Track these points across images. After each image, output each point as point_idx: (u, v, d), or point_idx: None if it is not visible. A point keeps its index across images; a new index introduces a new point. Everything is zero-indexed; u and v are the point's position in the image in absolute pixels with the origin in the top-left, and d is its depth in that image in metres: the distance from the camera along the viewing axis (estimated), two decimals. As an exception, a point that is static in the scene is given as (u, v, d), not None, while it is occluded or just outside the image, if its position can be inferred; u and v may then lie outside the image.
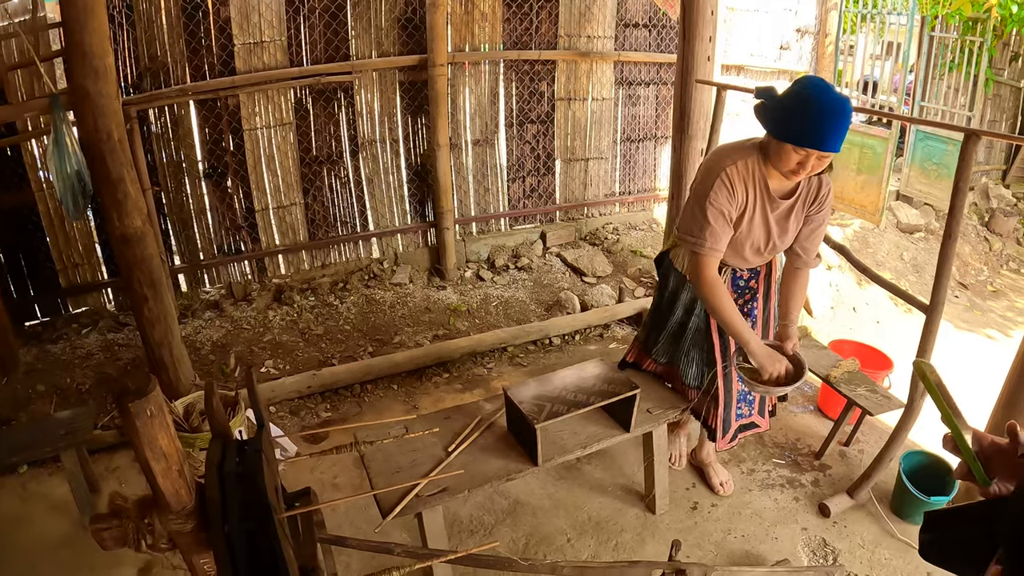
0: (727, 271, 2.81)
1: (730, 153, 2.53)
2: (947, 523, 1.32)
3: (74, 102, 3.09)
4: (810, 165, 2.32)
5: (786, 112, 2.30)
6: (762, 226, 2.60)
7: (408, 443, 2.69)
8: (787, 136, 2.29)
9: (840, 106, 2.22)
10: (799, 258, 2.75)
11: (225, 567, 1.21)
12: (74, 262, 4.43)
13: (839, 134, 2.26)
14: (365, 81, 4.85)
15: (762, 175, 2.50)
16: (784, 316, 2.82)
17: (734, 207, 2.50)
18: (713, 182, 2.47)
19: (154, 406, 1.12)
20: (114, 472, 3.45)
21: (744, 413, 3.06)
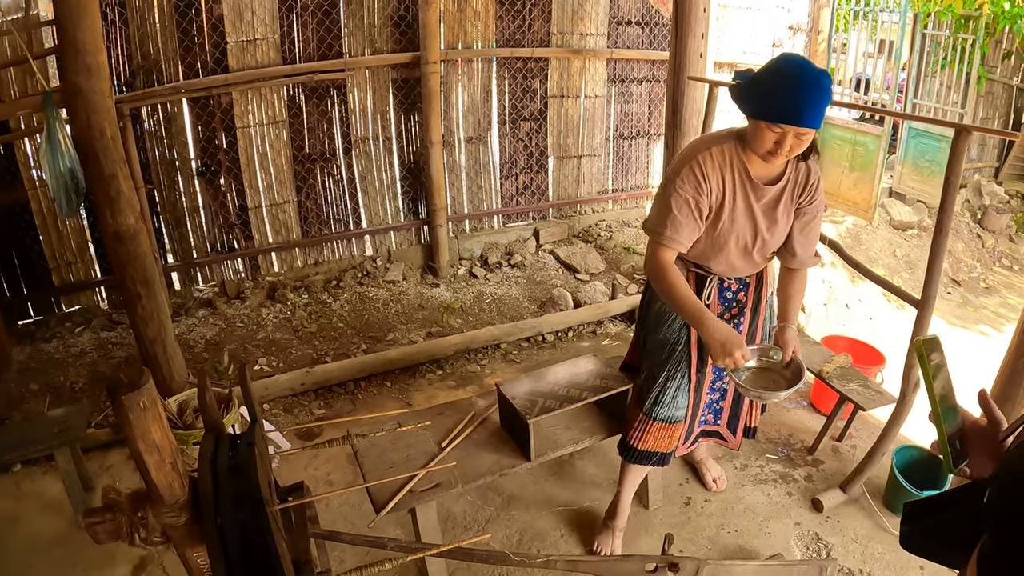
0: (713, 281, 2.59)
1: (705, 141, 2.38)
2: (927, 512, 1.33)
3: (67, 99, 3.08)
4: (788, 144, 2.14)
5: (760, 89, 2.15)
6: (747, 217, 2.39)
7: (401, 439, 2.69)
8: (761, 113, 2.14)
9: (816, 79, 2.07)
10: (795, 257, 2.55)
11: (218, 560, 1.22)
12: (67, 260, 4.42)
13: (816, 109, 2.09)
14: (358, 79, 4.85)
15: (741, 161, 2.32)
16: (783, 317, 2.58)
17: (704, 196, 2.30)
18: (681, 169, 2.30)
19: (147, 399, 1.13)
20: (108, 470, 3.45)
21: (708, 420, 2.87)
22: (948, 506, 1.28)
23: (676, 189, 2.29)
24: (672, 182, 2.31)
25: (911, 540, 1.36)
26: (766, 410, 3.22)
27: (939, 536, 1.28)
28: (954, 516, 1.24)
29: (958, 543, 1.19)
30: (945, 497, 1.30)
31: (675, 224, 2.31)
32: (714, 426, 2.88)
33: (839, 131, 6.39)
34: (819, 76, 2.07)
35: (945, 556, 1.30)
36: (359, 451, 2.66)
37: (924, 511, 1.34)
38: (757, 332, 2.73)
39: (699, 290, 2.57)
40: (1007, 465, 1.09)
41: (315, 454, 3.54)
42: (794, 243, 2.51)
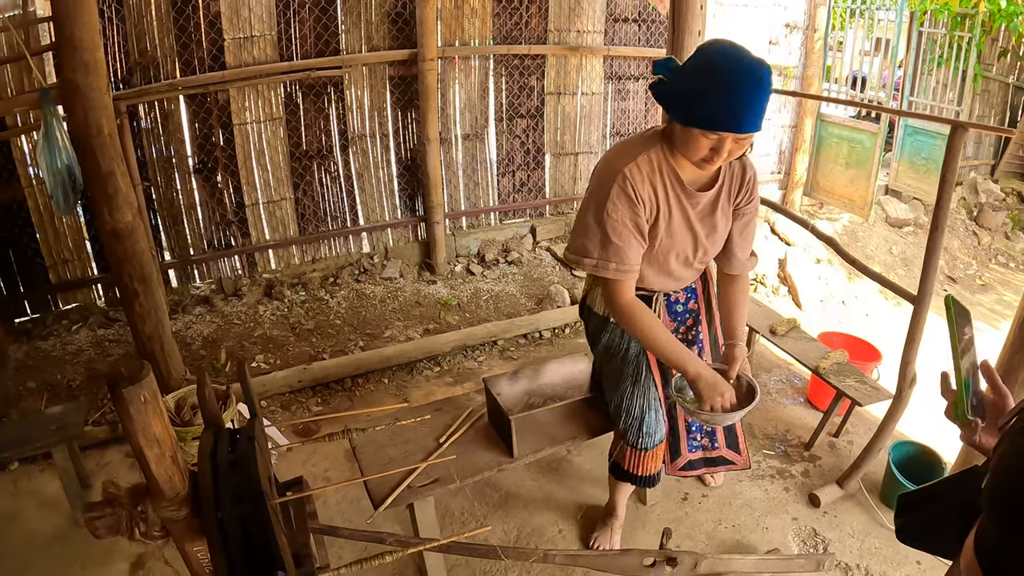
0: (659, 299, 2.39)
1: (627, 150, 2.10)
2: (920, 502, 1.34)
3: (64, 96, 3.07)
4: (725, 151, 1.90)
5: (689, 90, 1.86)
6: (685, 229, 2.18)
7: (399, 435, 2.69)
8: (694, 120, 1.87)
9: (756, 76, 1.80)
10: (734, 261, 2.36)
11: (219, 554, 1.22)
12: (64, 258, 4.41)
13: (757, 110, 1.84)
14: (355, 76, 4.84)
15: (671, 168, 2.08)
16: (729, 334, 2.39)
17: (642, 215, 2.07)
18: (610, 189, 2.03)
19: (148, 392, 1.13)
20: (105, 468, 3.44)
21: (703, 445, 2.64)
22: (940, 495, 1.29)
23: (610, 214, 2.05)
24: (602, 208, 2.06)
25: (906, 532, 1.37)
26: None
27: (933, 525, 1.29)
28: (947, 504, 1.25)
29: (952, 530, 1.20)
30: (936, 487, 1.31)
31: (619, 253, 2.08)
32: (713, 451, 2.66)
33: (835, 128, 6.45)
34: (759, 72, 1.81)
35: (940, 545, 1.31)
36: (357, 447, 2.66)
37: (917, 502, 1.35)
38: (718, 336, 2.56)
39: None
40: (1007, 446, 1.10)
41: (312, 451, 3.54)
42: (733, 247, 2.34)
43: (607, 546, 2.89)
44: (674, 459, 2.58)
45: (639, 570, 2.22)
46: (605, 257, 2.08)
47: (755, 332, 4.09)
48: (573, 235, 2.19)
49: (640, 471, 2.53)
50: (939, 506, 1.27)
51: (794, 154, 6.87)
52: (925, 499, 1.33)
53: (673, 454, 2.57)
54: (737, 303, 2.40)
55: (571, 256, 2.17)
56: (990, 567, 1.05)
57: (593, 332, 2.53)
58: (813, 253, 6.10)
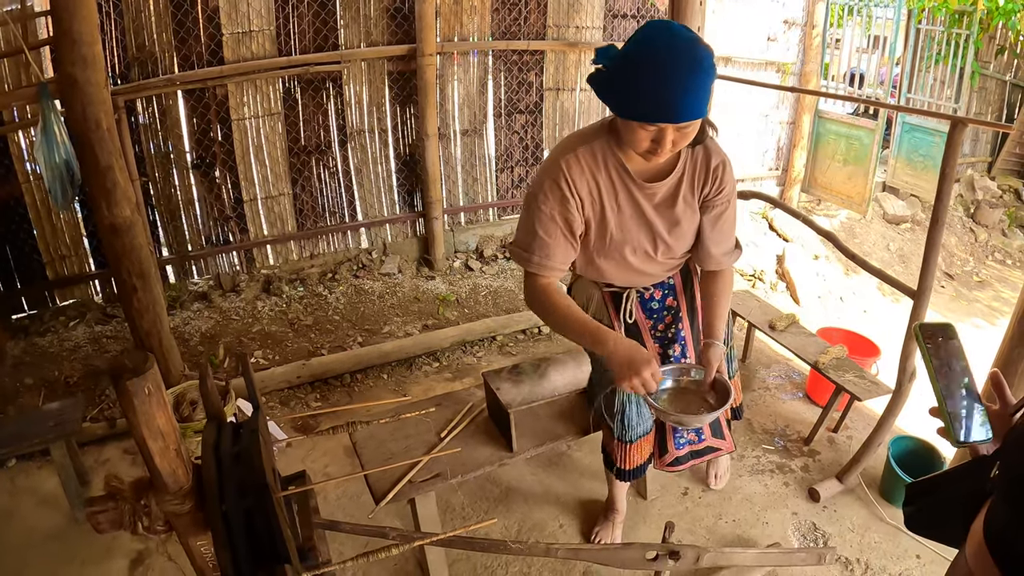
0: (631, 295, 2.29)
1: (570, 143, 1.98)
2: (928, 490, 1.35)
3: (62, 90, 3.06)
4: (668, 142, 1.74)
5: (622, 81, 1.70)
6: (638, 222, 2.05)
7: (400, 429, 2.69)
8: (628, 112, 1.73)
9: (690, 59, 1.62)
10: (710, 257, 2.19)
11: (223, 547, 1.21)
12: (61, 254, 4.39)
13: (697, 96, 1.66)
14: (354, 71, 4.83)
15: (617, 160, 1.95)
16: (706, 332, 2.22)
17: (574, 210, 1.95)
18: (544, 181, 1.94)
19: (152, 384, 1.12)
20: (104, 464, 3.43)
21: (690, 440, 2.54)
22: (948, 483, 1.29)
23: (539, 206, 1.95)
24: (535, 197, 1.96)
25: (915, 520, 1.37)
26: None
27: (942, 513, 1.29)
28: (955, 492, 1.25)
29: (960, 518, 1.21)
30: (944, 475, 1.31)
31: (544, 248, 1.97)
32: (700, 443, 2.55)
33: (833, 125, 6.45)
34: (693, 53, 1.63)
35: (949, 533, 1.31)
36: (358, 442, 2.66)
37: (925, 490, 1.35)
38: (700, 334, 2.40)
39: (618, 308, 2.31)
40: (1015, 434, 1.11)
41: (312, 447, 3.53)
42: (706, 241, 2.17)
43: (608, 540, 2.88)
44: (662, 455, 2.51)
45: (641, 563, 2.21)
46: (528, 249, 1.99)
47: (754, 327, 4.09)
48: (516, 230, 2.09)
49: (626, 464, 2.48)
50: (947, 494, 1.28)
51: (792, 150, 6.87)
52: (933, 488, 1.33)
53: (661, 450, 2.50)
54: (715, 299, 2.23)
55: (510, 247, 2.09)
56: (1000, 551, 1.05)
57: None
58: (811, 249, 6.10)
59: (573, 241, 2.01)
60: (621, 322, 2.30)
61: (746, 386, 4.14)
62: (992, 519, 1.10)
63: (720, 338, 2.16)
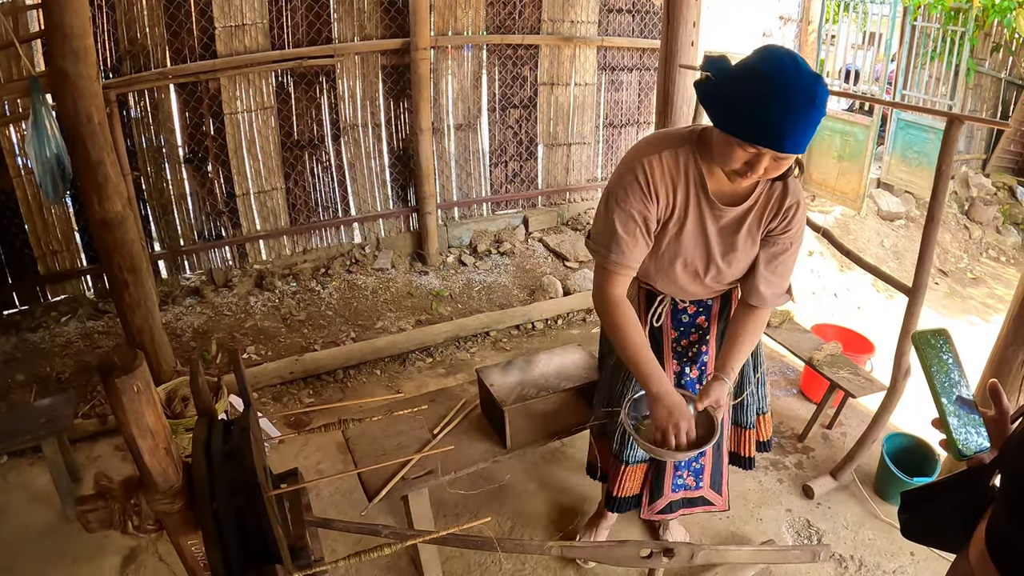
0: (665, 301, 2.23)
1: (655, 142, 1.93)
2: (926, 499, 1.34)
3: (53, 84, 3.04)
4: (761, 168, 1.69)
5: (735, 95, 1.65)
6: (698, 239, 1.99)
7: (393, 426, 2.68)
8: (732, 127, 1.67)
9: (811, 94, 1.59)
10: (756, 292, 2.08)
11: (214, 546, 1.20)
12: (53, 249, 4.36)
13: (805, 131, 1.62)
14: (347, 65, 4.81)
15: (698, 172, 1.89)
16: (719, 366, 2.09)
17: (652, 209, 1.91)
18: (624, 178, 1.91)
19: (141, 382, 1.10)
20: (95, 461, 3.41)
21: (687, 484, 2.41)
22: (947, 491, 1.28)
23: (618, 203, 1.91)
24: (614, 194, 1.93)
25: (912, 528, 1.37)
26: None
27: (940, 521, 1.28)
28: (954, 500, 1.25)
29: (959, 526, 1.20)
30: (943, 483, 1.31)
31: (620, 245, 1.93)
32: (696, 491, 2.44)
33: (828, 121, 6.43)
34: (814, 89, 1.60)
35: (945, 540, 1.31)
36: (350, 438, 2.64)
37: (922, 498, 1.34)
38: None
39: (648, 308, 2.25)
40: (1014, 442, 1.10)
41: (305, 443, 3.52)
42: (757, 279, 2.06)
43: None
44: (655, 499, 2.39)
45: (636, 561, 2.21)
46: (605, 245, 1.95)
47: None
48: (594, 223, 2.07)
49: (617, 489, 2.37)
50: (946, 502, 1.27)
51: (787, 147, 6.85)
52: (930, 495, 1.32)
53: (655, 494, 2.38)
54: (743, 336, 2.10)
55: (587, 242, 2.06)
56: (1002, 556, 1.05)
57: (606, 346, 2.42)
58: (805, 245, 6.09)
59: (649, 239, 1.98)
60: (647, 323, 2.25)
61: (740, 382, 4.14)
62: (994, 525, 1.09)
63: (731, 377, 2.05)
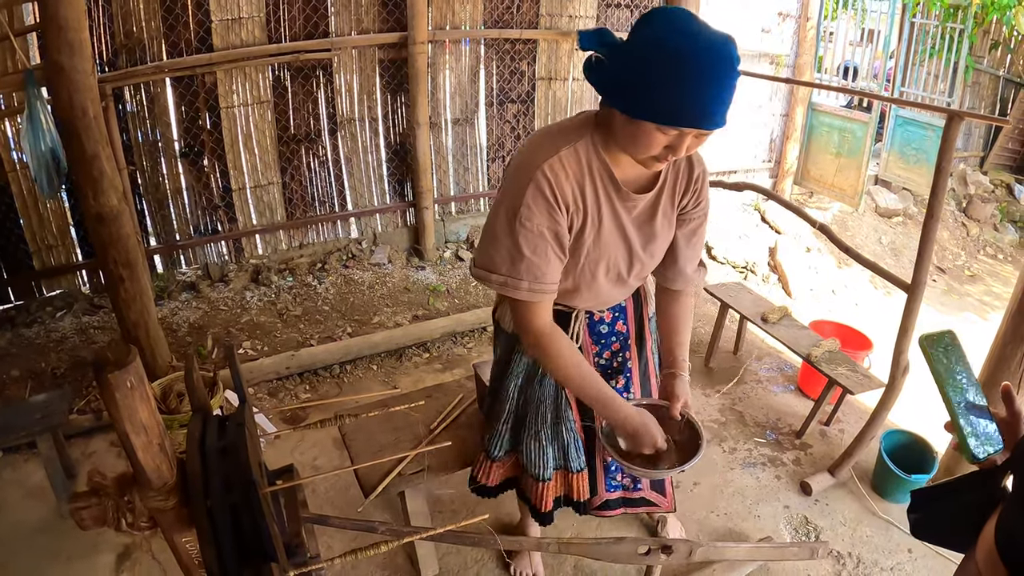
0: (580, 316, 1.99)
1: (549, 141, 1.66)
2: (935, 499, 1.33)
3: (49, 77, 3.01)
4: (684, 149, 1.50)
5: (641, 77, 1.41)
6: (618, 237, 1.77)
7: (389, 422, 2.67)
8: (647, 112, 1.44)
9: (726, 58, 1.38)
10: (680, 275, 1.96)
11: (208, 544, 1.18)
12: (48, 244, 4.34)
13: (730, 98, 1.43)
14: (344, 59, 4.78)
15: (602, 164, 1.66)
16: (670, 362, 1.97)
17: (563, 221, 1.65)
18: (524, 190, 1.61)
19: (134, 377, 1.09)
20: (90, 457, 3.39)
21: (624, 484, 2.32)
22: (958, 492, 1.27)
23: (523, 222, 1.62)
24: (514, 211, 1.63)
25: (921, 528, 1.36)
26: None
27: (950, 521, 1.28)
28: (965, 501, 1.24)
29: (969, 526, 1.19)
30: (953, 483, 1.30)
31: (533, 270, 1.66)
32: (635, 492, 2.34)
33: (827, 118, 6.44)
34: (729, 50, 1.39)
35: (954, 540, 1.30)
36: (347, 434, 2.63)
37: (932, 498, 1.33)
38: (650, 366, 2.19)
39: (563, 328, 1.92)
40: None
41: (301, 439, 3.50)
42: (679, 258, 1.93)
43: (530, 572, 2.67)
44: (591, 496, 2.26)
45: (634, 558, 2.20)
46: (516, 274, 1.66)
47: (746, 319, 4.08)
48: (480, 244, 1.75)
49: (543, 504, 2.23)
50: (956, 502, 1.26)
51: (785, 143, 6.86)
52: (940, 495, 1.32)
53: (590, 491, 2.25)
54: (681, 323, 1.99)
55: (476, 271, 1.73)
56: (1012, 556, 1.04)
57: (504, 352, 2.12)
58: (803, 242, 6.09)
59: (563, 255, 1.71)
60: None
61: (738, 378, 4.14)
62: (1004, 526, 1.08)
63: (686, 369, 1.95)
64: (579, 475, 2.18)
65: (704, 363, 4.28)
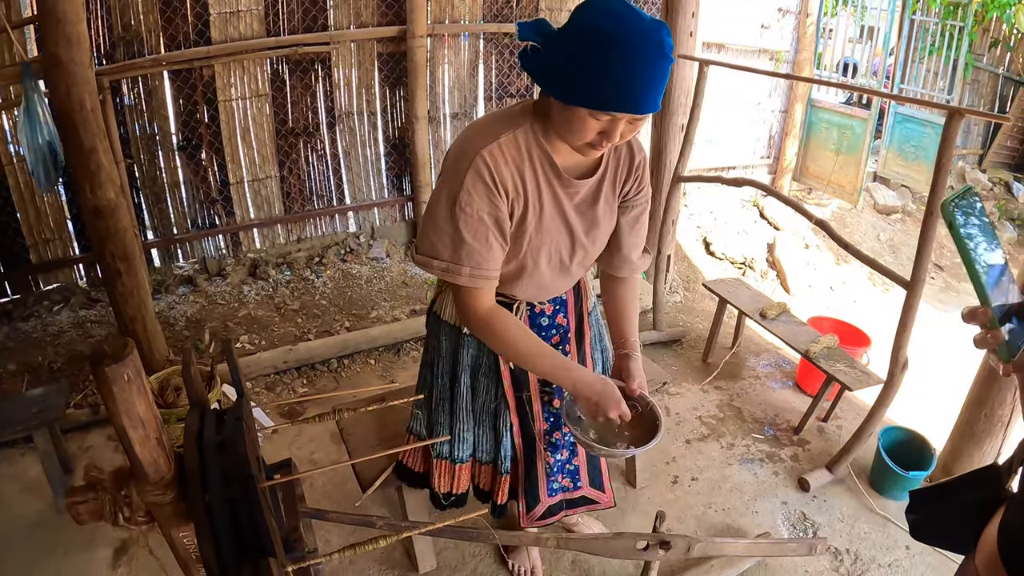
0: (521, 308, 1.97)
1: (488, 128, 1.67)
2: (934, 499, 1.32)
3: (46, 70, 2.99)
4: (617, 135, 1.52)
5: (574, 62, 1.43)
6: (560, 223, 1.78)
7: (387, 416, 2.66)
8: (580, 98, 1.46)
9: (658, 42, 1.40)
10: (624, 263, 1.99)
11: (206, 538, 1.18)
12: (45, 237, 4.32)
13: (661, 85, 1.45)
14: (343, 52, 4.76)
15: (542, 151, 1.67)
16: (621, 343, 1.99)
17: (503, 207, 1.65)
18: (464, 176, 1.60)
19: (132, 370, 1.08)
20: (87, 451, 3.38)
21: (565, 487, 2.31)
22: (957, 491, 1.27)
23: (463, 207, 1.61)
24: (455, 199, 1.62)
25: (921, 529, 1.35)
26: None
27: (950, 523, 1.27)
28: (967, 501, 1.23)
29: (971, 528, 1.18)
30: (954, 484, 1.29)
31: (474, 256, 1.65)
32: (575, 491, 2.34)
33: (826, 114, 6.44)
34: (661, 36, 1.41)
35: (955, 541, 1.29)
36: (344, 428, 2.63)
37: (930, 499, 1.33)
38: (587, 359, 2.20)
39: None
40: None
41: (298, 433, 3.50)
42: (623, 245, 1.96)
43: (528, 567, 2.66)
44: (532, 507, 2.24)
45: (632, 553, 2.19)
46: (457, 260, 1.66)
47: (744, 315, 4.08)
48: (421, 231, 1.73)
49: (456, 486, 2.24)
50: (957, 503, 1.25)
51: (784, 139, 6.85)
52: (940, 496, 1.31)
53: (531, 502, 2.23)
54: (628, 306, 2.04)
55: (418, 258, 1.71)
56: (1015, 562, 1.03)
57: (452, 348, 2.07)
58: (802, 238, 6.09)
59: (504, 243, 1.71)
60: None
61: (736, 374, 4.14)
62: (1008, 530, 1.07)
63: (637, 348, 1.97)
64: (503, 478, 2.19)
65: (702, 358, 4.28)
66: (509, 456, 2.17)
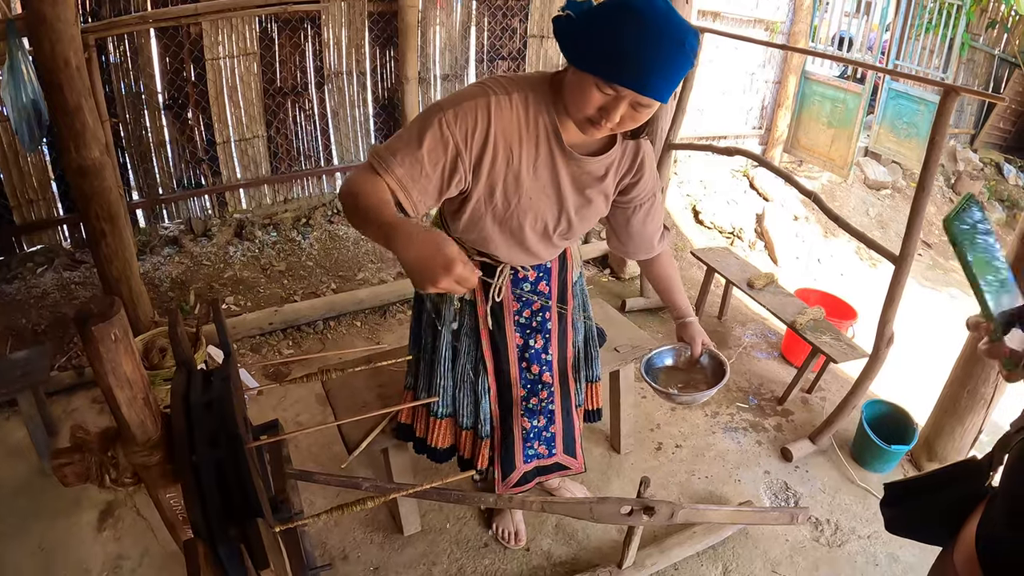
0: (505, 271, 2.02)
1: (508, 82, 1.67)
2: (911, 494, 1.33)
3: (30, 27, 2.92)
4: (617, 115, 1.50)
5: (596, 28, 1.44)
6: (551, 191, 1.79)
7: (373, 378, 2.66)
8: (590, 64, 1.46)
9: (678, 37, 1.41)
10: (649, 250, 2.13)
11: (193, 499, 1.17)
12: (28, 198, 4.25)
13: (671, 75, 1.44)
14: (333, 11, 4.68)
15: (551, 119, 1.67)
16: (678, 312, 2.21)
17: (468, 155, 1.62)
18: (464, 100, 1.60)
19: (119, 329, 1.07)
20: (72, 414, 3.36)
21: (539, 453, 2.32)
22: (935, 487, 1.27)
23: (441, 122, 1.56)
24: (441, 109, 1.58)
25: (896, 522, 1.36)
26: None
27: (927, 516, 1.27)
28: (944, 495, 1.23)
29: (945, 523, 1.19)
30: (927, 478, 1.30)
31: (411, 161, 1.55)
32: (549, 458, 2.35)
33: (819, 87, 6.40)
34: (684, 34, 1.42)
35: (931, 534, 1.30)
36: (331, 390, 2.63)
37: (907, 493, 1.33)
38: (568, 329, 2.24)
39: (489, 278, 2.02)
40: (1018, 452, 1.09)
41: (283, 395, 3.49)
42: (643, 237, 2.07)
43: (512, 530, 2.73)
44: (507, 474, 2.27)
45: (616, 518, 2.21)
46: (393, 151, 1.55)
47: (732, 284, 4.08)
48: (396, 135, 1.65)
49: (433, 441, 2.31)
50: (936, 498, 1.26)
51: (776, 110, 6.82)
52: (916, 491, 1.31)
53: (507, 469, 2.27)
54: (670, 278, 2.21)
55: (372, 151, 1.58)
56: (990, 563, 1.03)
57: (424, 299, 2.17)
58: (791, 210, 6.09)
59: (444, 186, 1.63)
60: (488, 299, 2.07)
61: (722, 343, 4.16)
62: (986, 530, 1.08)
63: (691, 314, 2.21)
64: (484, 442, 2.25)
65: (689, 329, 4.29)
66: (488, 420, 2.23)
